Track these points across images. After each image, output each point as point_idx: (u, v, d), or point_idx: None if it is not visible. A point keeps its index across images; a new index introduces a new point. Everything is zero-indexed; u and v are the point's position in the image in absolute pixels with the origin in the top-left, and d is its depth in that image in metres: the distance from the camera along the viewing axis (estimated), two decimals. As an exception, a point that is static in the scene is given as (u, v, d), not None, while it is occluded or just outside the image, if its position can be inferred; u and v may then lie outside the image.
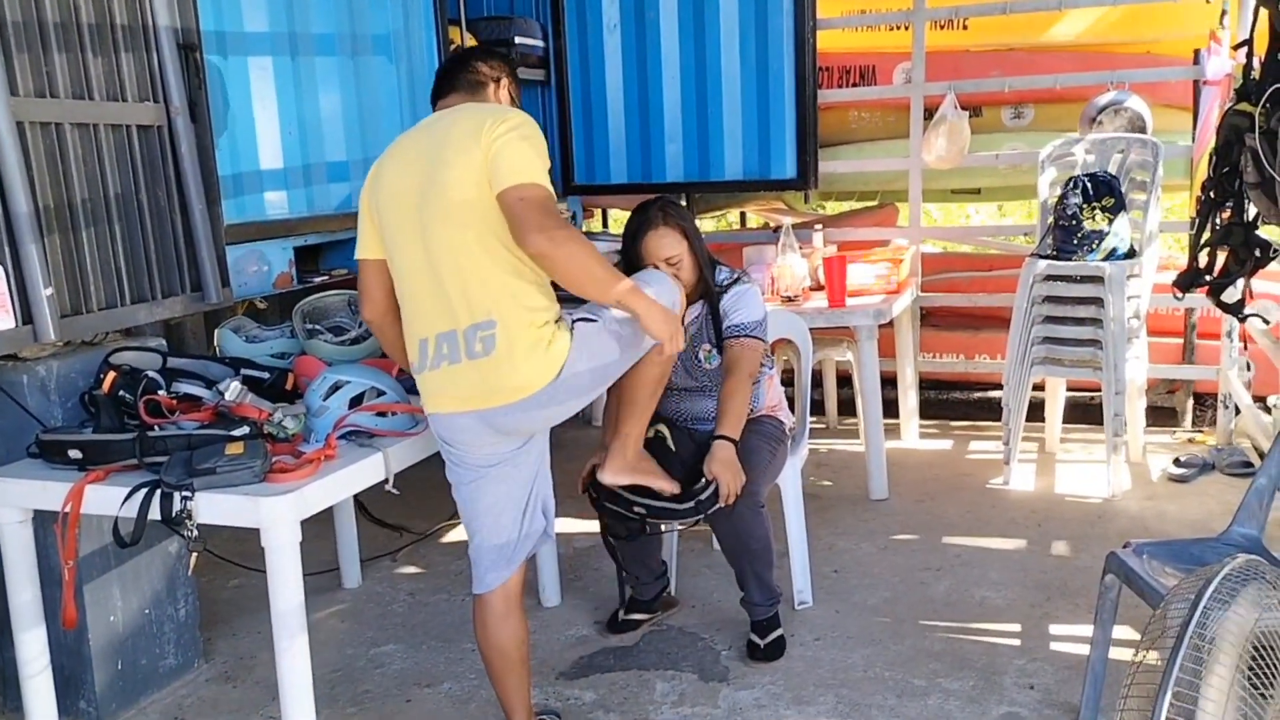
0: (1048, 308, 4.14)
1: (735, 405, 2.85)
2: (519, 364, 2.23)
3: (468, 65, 2.54)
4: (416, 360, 2.34)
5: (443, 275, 2.24)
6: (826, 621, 3.16)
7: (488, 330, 2.22)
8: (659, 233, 2.86)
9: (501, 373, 2.23)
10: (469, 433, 2.32)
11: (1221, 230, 2.81)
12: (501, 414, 2.27)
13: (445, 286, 2.24)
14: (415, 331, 2.33)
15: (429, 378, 2.32)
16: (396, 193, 2.31)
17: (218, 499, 2.13)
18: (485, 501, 2.39)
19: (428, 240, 2.25)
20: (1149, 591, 2.13)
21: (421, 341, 2.31)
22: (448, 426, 2.35)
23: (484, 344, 2.23)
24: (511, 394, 2.25)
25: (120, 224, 2.50)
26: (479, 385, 2.25)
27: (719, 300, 2.95)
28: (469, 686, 2.91)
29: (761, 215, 6.52)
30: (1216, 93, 4.25)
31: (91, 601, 2.68)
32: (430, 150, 2.29)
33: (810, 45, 4.52)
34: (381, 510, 3.56)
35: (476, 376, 2.25)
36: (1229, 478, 4.17)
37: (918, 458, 4.66)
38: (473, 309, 2.23)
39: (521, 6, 4.82)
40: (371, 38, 3.48)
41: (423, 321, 2.31)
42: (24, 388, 2.56)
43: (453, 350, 2.26)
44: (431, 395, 2.34)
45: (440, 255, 2.24)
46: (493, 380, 2.24)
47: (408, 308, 2.35)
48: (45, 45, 2.32)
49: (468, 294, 2.23)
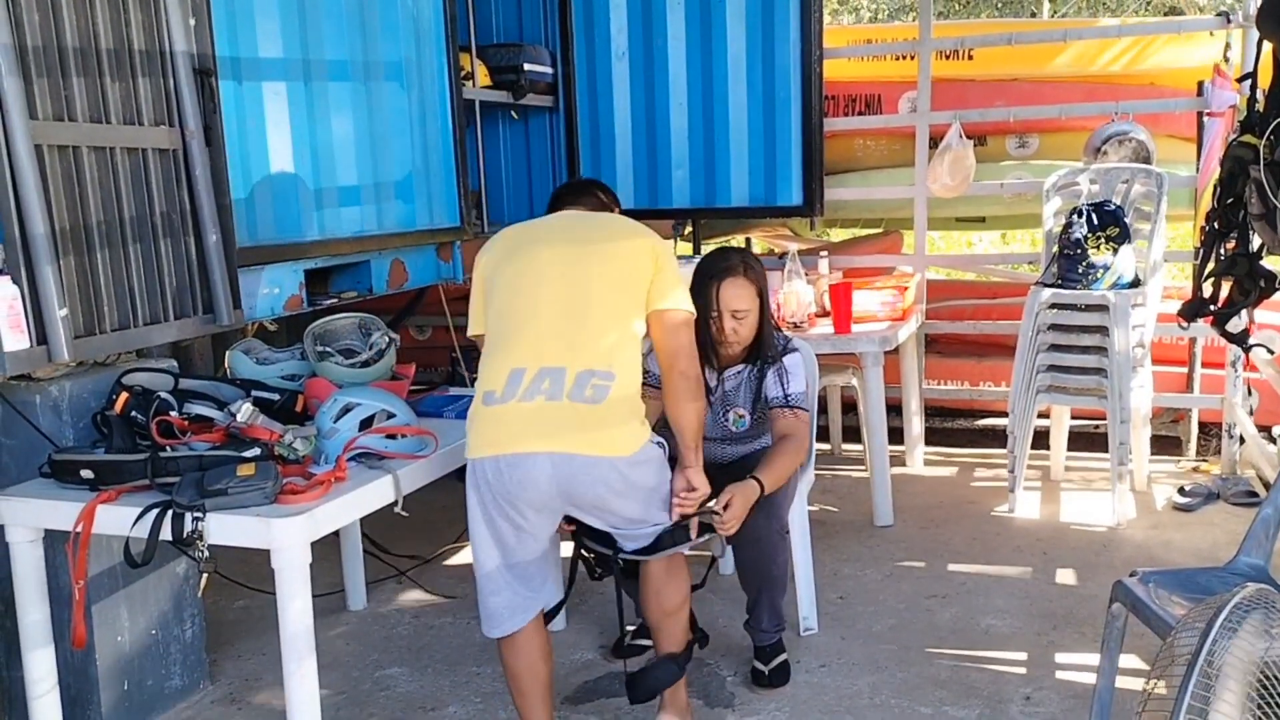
0: (1053, 336, 4.16)
1: (782, 464, 2.79)
2: (618, 423, 2.28)
3: (591, 191, 2.91)
4: (500, 389, 2.27)
5: (581, 314, 2.30)
6: (832, 648, 3.15)
7: (605, 380, 2.26)
8: (736, 283, 2.80)
9: (602, 423, 2.25)
10: (530, 482, 2.25)
11: (1226, 261, 2.83)
12: (581, 465, 2.25)
13: (578, 325, 2.29)
14: (511, 360, 2.28)
15: (512, 410, 2.26)
16: (539, 240, 2.43)
17: (229, 520, 2.14)
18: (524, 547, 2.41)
19: (576, 279, 2.33)
20: (1156, 620, 2.13)
21: (515, 371, 2.26)
22: (511, 467, 2.25)
23: (595, 391, 2.25)
24: (602, 447, 2.25)
25: (135, 246, 2.51)
26: (573, 427, 2.23)
27: (770, 366, 2.90)
28: (474, 710, 2.90)
29: (767, 242, 6.53)
30: (1220, 124, 4.29)
31: (99, 622, 2.69)
32: (588, 224, 2.50)
33: (817, 74, 4.56)
34: (386, 533, 3.56)
35: (574, 419, 2.24)
36: (1234, 507, 4.17)
37: (923, 484, 4.66)
38: (599, 357, 2.27)
39: (531, 34, 4.87)
40: (384, 64, 3.51)
41: (525, 352, 2.28)
42: (37, 407, 2.58)
43: (555, 387, 2.24)
44: (506, 429, 2.27)
45: (587, 297, 2.31)
46: (590, 427, 2.24)
47: (510, 337, 2.31)
48: (64, 70, 2.34)
49: (600, 342, 2.28)
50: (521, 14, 4.89)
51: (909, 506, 4.31)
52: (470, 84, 4.10)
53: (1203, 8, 11.99)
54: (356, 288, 3.46)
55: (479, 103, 4.21)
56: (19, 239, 2.22)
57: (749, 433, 3.01)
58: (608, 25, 4.82)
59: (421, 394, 3.07)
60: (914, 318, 4.54)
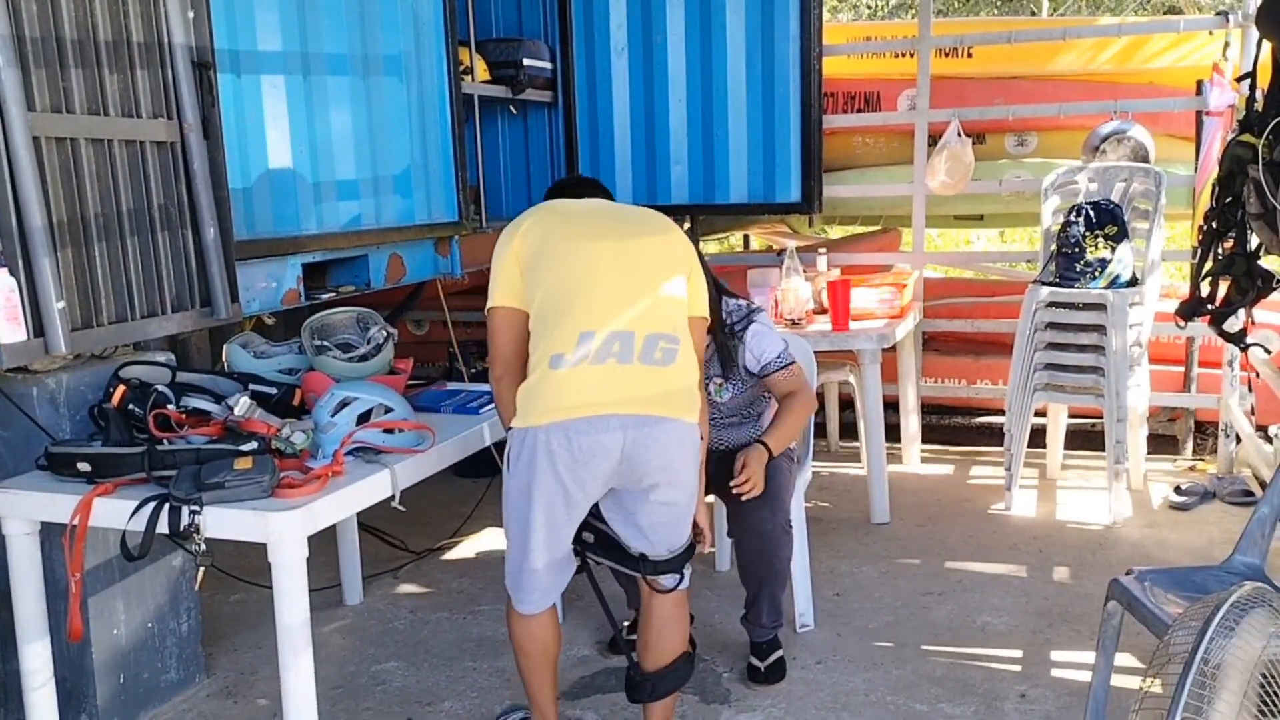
0: (1050, 334, 4.16)
1: (789, 423, 2.88)
2: (687, 387, 2.28)
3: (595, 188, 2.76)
4: (570, 351, 2.20)
5: (641, 286, 2.29)
6: (828, 645, 3.16)
7: (672, 344, 2.26)
8: None
9: (673, 385, 2.25)
10: (600, 450, 2.19)
11: (1224, 260, 2.83)
12: (655, 429, 2.21)
13: (640, 294, 2.28)
14: (578, 324, 2.22)
15: (582, 372, 2.20)
16: (583, 220, 2.41)
17: (226, 514, 2.14)
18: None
19: (629, 258, 2.33)
20: (1152, 619, 2.14)
21: (585, 334, 2.20)
22: (580, 433, 2.18)
23: (665, 354, 2.25)
24: (675, 409, 2.25)
25: (132, 239, 2.51)
26: (647, 388, 2.22)
27: (738, 343, 2.93)
28: (470, 705, 2.90)
29: (765, 238, 6.53)
30: (1219, 123, 4.29)
31: (95, 615, 2.69)
32: (625, 213, 2.51)
33: (816, 71, 4.56)
34: (384, 527, 3.56)
35: (647, 379, 2.22)
36: (1230, 506, 4.18)
37: (919, 482, 4.67)
38: (664, 321, 2.28)
39: (530, 29, 4.86)
40: (383, 58, 3.51)
41: (592, 316, 2.23)
42: (34, 400, 2.57)
43: (625, 350, 2.21)
44: (578, 393, 2.20)
45: (643, 273, 2.32)
46: (662, 389, 2.23)
47: (572, 305, 2.25)
48: (63, 61, 2.33)
49: (664, 310, 2.29)
50: (521, 9, 4.89)
51: (906, 504, 4.32)
52: (469, 79, 4.10)
53: (1202, 7, 11.99)
54: (354, 282, 3.46)
55: (478, 97, 4.21)
56: (16, 231, 2.21)
57: (742, 410, 3.02)
58: (607, 21, 4.81)
59: (419, 389, 3.07)
60: (912, 315, 4.54)
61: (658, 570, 2.40)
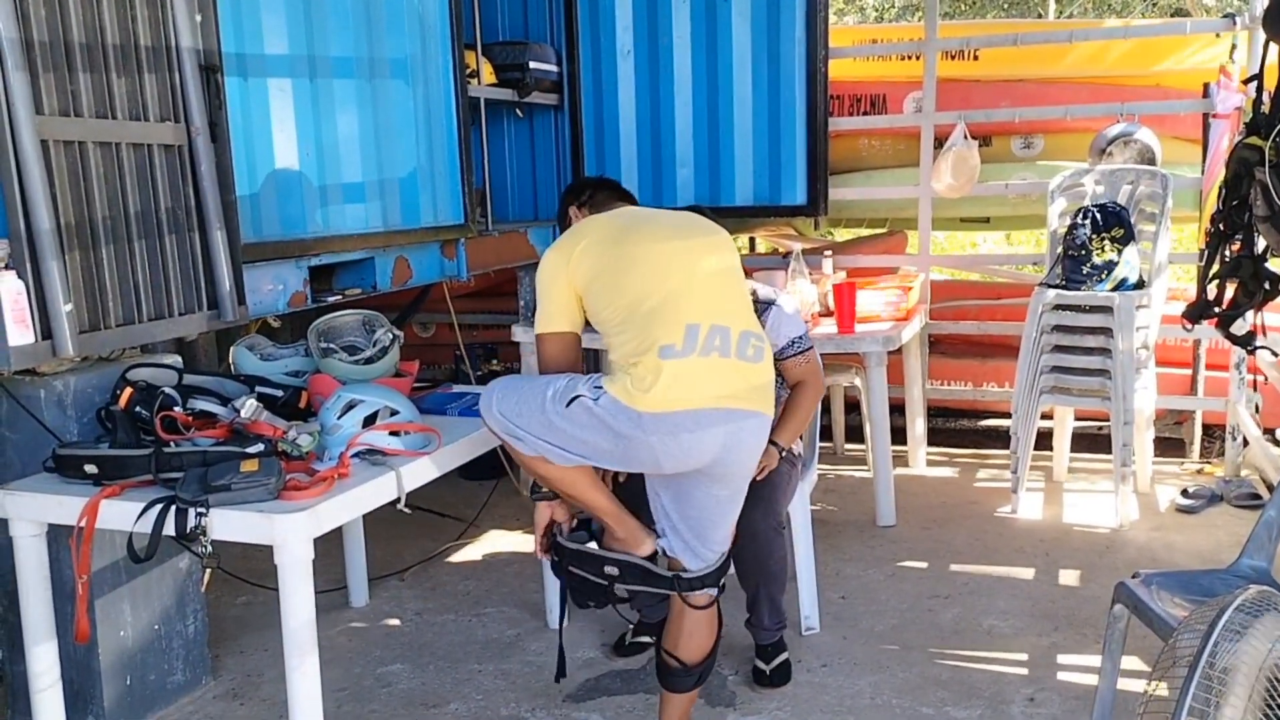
0: (1056, 337, 4.15)
1: (797, 417, 2.96)
2: (768, 382, 2.34)
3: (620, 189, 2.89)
4: (680, 343, 2.20)
5: (721, 286, 2.35)
6: (833, 648, 3.16)
7: (760, 342, 2.34)
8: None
9: (763, 382, 2.32)
10: (698, 448, 2.21)
11: (1231, 263, 2.82)
12: (750, 423, 2.28)
13: (724, 288, 2.35)
14: (682, 317, 2.23)
15: (691, 364, 2.20)
16: (639, 229, 2.41)
17: (232, 516, 2.15)
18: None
19: (702, 252, 2.37)
20: (1158, 622, 2.13)
21: (691, 326, 2.22)
22: (685, 429, 2.18)
23: (756, 351, 2.31)
24: (765, 404, 2.31)
25: (140, 242, 2.52)
26: (744, 383, 2.27)
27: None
28: (475, 707, 2.91)
29: (771, 241, 6.53)
30: (1226, 126, 4.28)
31: (102, 616, 2.69)
32: (673, 219, 2.52)
33: (822, 74, 4.56)
34: (390, 530, 3.56)
35: (743, 375, 2.27)
36: (1237, 509, 4.17)
37: (925, 485, 4.66)
38: (748, 318, 2.36)
39: (536, 32, 4.87)
40: (389, 61, 3.51)
41: (694, 309, 2.25)
42: (41, 402, 2.58)
43: (725, 344, 2.26)
44: (684, 385, 2.19)
45: (718, 265, 2.38)
46: (756, 383, 2.29)
47: (670, 298, 2.25)
48: (70, 65, 2.35)
49: (744, 306, 2.38)
50: (527, 11, 4.89)
51: (911, 507, 4.31)
52: (475, 81, 4.10)
53: (1209, 9, 11.96)
54: (361, 285, 3.47)
55: (484, 100, 4.21)
56: (24, 234, 2.22)
57: None
58: (613, 23, 4.81)
59: (425, 391, 3.08)
60: (918, 318, 4.54)
61: (692, 587, 2.41)
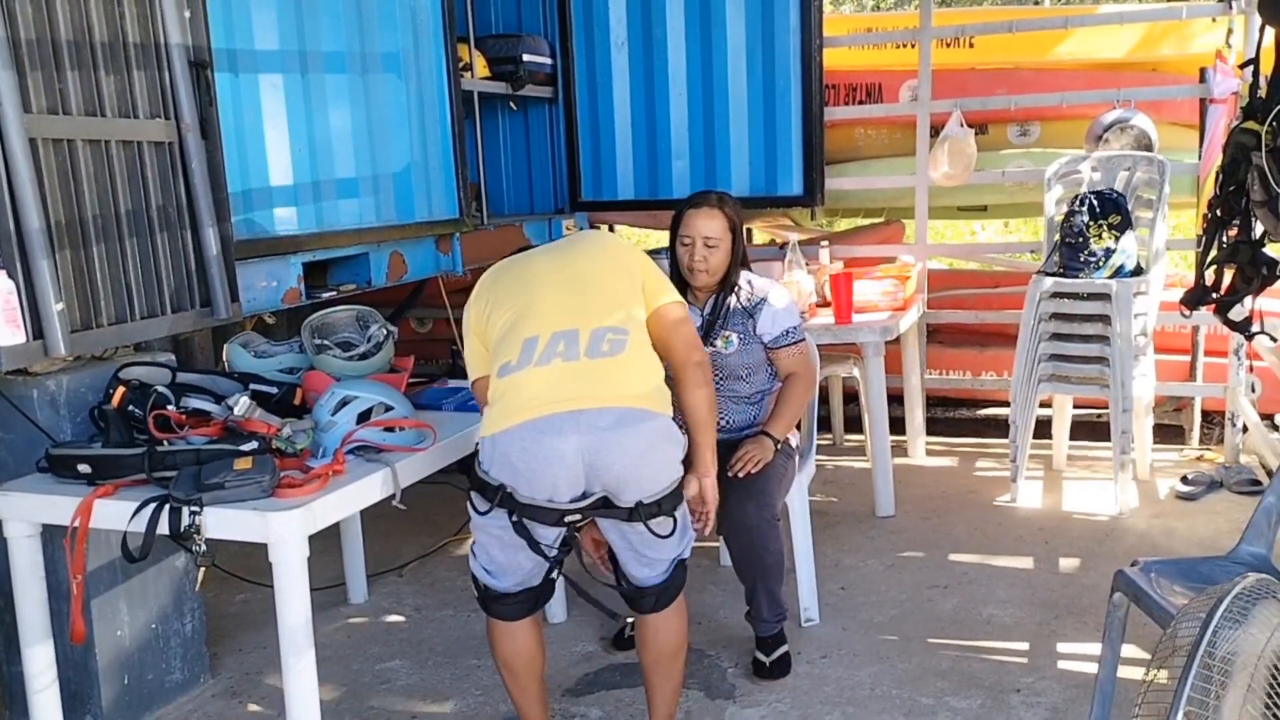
0: (1054, 325, 4.14)
1: (790, 409, 2.97)
2: (641, 373, 2.27)
3: None
4: (515, 359, 2.23)
5: (581, 291, 2.32)
6: (833, 639, 3.15)
7: (620, 335, 2.27)
8: (710, 213, 2.97)
9: (623, 373, 2.24)
10: (555, 455, 2.16)
11: (1228, 248, 2.80)
12: (610, 420, 2.17)
13: (581, 298, 2.30)
14: (521, 332, 2.25)
15: (529, 376, 2.21)
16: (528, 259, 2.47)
17: (226, 514, 2.14)
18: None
19: (571, 272, 2.37)
20: (1158, 610, 2.12)
21: (528, 340, 2.24)
22: (532, 436, 2.17)
23: (612, 345, 2.25)
24: (624, 399, 2.21)
25: (131, 240, 2.50)
26: (593, 383, 2.20)
27: (754, 309, 3.01)
28: (474, 703, 2.90)
29: (768, 232, 6.51)
30: (1223, 110, 4.26)
31: (99, 616, 2.69)
32: (568, 241, 2.56)
33: (817, 63, 4.53)
34: (386, 526, 3.55)
35: (594, 374, 2.22)
36: (1237, 496, 4.16)
37: (924, 475, 4.65)
38: (611, 316, 2.29)
39: (530, 24, 4.84)
40: (381, 55, 3.49)
41: (536, 322, 2.26)
42: (34, 402, 2.57)
43: (570, 348, 2.23)
44: (524, 396, 2.20)
45: (586, 280, 2.34)
46: (612, 379, 2.22)
47: (516, 320, 2.29)
48: (58, 62, 2.33)
49: (610, 310, 2.30)
50: (520, 4, 4.86)
51: (910, 497, 4.31)
52: (469, 75, 4.09)
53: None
54: (355, 280, 3.45)
55: (478, 94, 4.19)
56: (14, 233, 2.21)
57: (744, 376, 3.02)
58: (607, 15, 4.79)
59: (420, 387, 3.07)
60: (915, 307, 4.52)
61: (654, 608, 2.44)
